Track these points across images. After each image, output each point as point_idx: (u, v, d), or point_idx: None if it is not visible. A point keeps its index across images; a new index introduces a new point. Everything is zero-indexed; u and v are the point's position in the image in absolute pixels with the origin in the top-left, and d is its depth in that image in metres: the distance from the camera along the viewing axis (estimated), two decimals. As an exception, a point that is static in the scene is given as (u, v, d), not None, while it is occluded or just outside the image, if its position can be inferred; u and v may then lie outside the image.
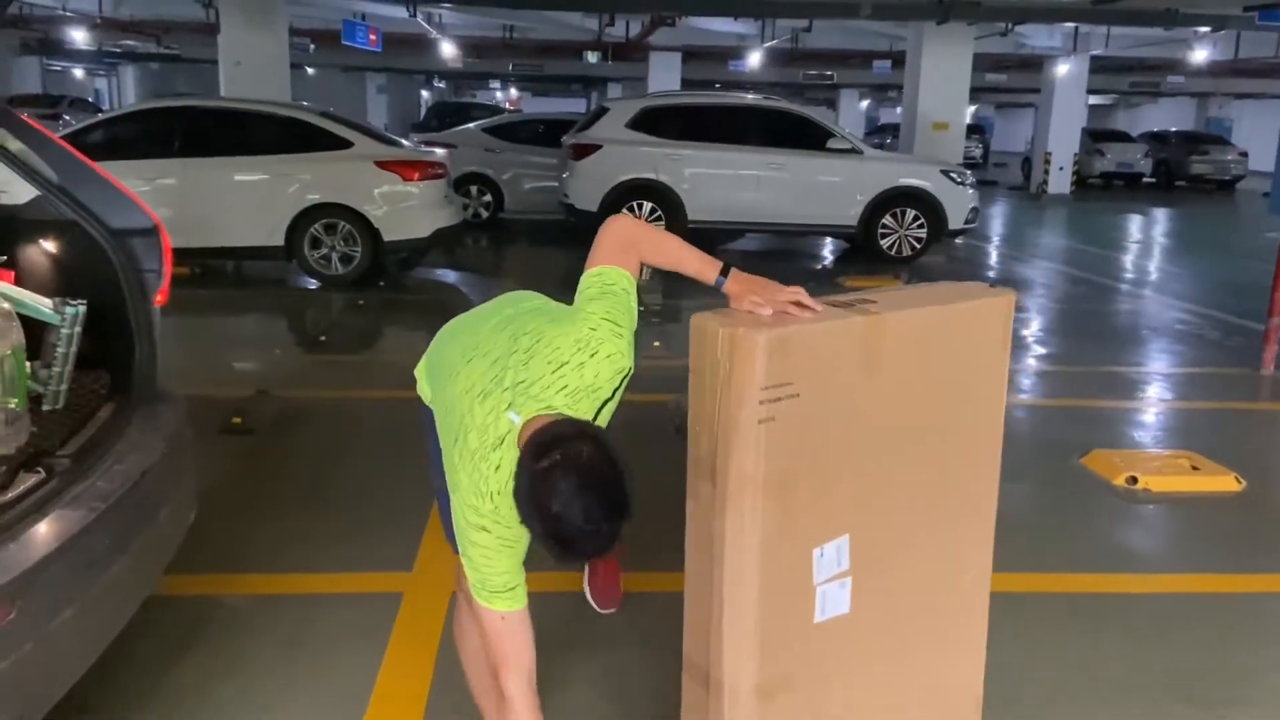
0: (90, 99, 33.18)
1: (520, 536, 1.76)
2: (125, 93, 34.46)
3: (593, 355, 1.80)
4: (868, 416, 1.90)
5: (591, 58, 23.50)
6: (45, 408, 2.37)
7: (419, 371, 2.22)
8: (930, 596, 2.11)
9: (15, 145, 2.61)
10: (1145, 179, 25.32)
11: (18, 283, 2.49)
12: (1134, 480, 4.15)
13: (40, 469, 2.07)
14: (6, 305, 2.28)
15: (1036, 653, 2.82)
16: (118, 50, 25.76)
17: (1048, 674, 2.73)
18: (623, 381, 1.87)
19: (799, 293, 1.83)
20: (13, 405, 2.16)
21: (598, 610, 2.85)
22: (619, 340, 1.83)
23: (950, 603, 2.15)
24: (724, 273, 1.90)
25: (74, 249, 2.59)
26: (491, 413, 1.77)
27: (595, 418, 1.83)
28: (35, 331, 2.38)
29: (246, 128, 8.68)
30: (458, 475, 1.81)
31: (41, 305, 2.44)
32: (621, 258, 1.92)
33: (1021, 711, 2.30)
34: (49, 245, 2.63)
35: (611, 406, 1.89)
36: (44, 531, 1.86)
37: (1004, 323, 2.07)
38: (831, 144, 10.49)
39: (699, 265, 1.94)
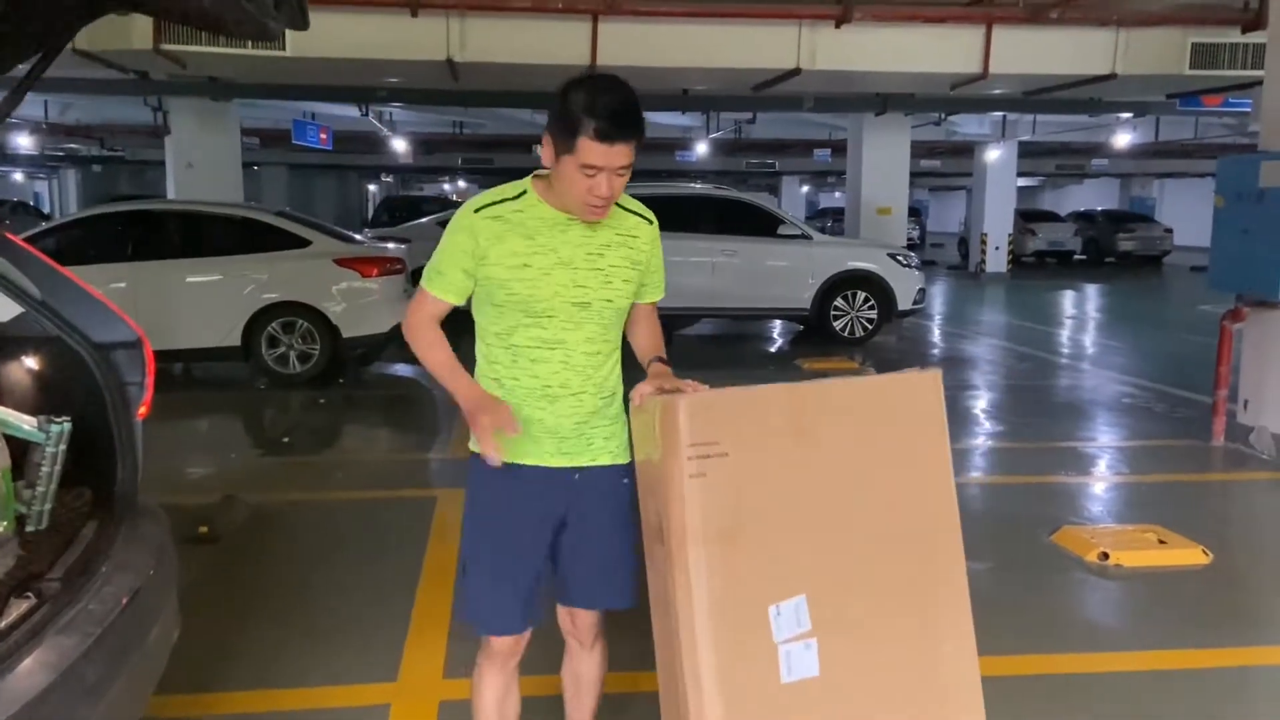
0: (31, 202, 32.84)
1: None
2: (67, 195, 34.20)
3: None
4: (809, 481, 2.07)
5: (539, 150, 23.89)
6: (29, 528, 2.31)
7: None
8: (913, 667, 2.16)
9: (-2, 262, 2.60)
10: (1076, 256, 26.29)
11: (-1, 401, 2.45)
12: (1105, 556, 4.22)
13: (30, 594, 2.01)
14: (-9, 426, 2.24)
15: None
16: (60, 153, 25.64)
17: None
18: None
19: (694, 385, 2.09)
20: (1, 528, 2.10)
21: None
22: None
23: (936, 673, 2.18)
24: (657, 359, 2.24)
25: (56, 365, 2.56)
26: None
27: None
28: (17, 449, 2.34)
29: (200, 229, 8.68)
30: None
31: (24, 424, 2.39)
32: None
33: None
34: (31, 361, 2.60)
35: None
36: (41, 661, 1.79)
37: (934, 395, 2.20)
38: (781, 230, 10.78)
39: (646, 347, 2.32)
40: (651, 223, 2.26)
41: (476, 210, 2.13)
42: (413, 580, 4.00)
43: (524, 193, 2.16)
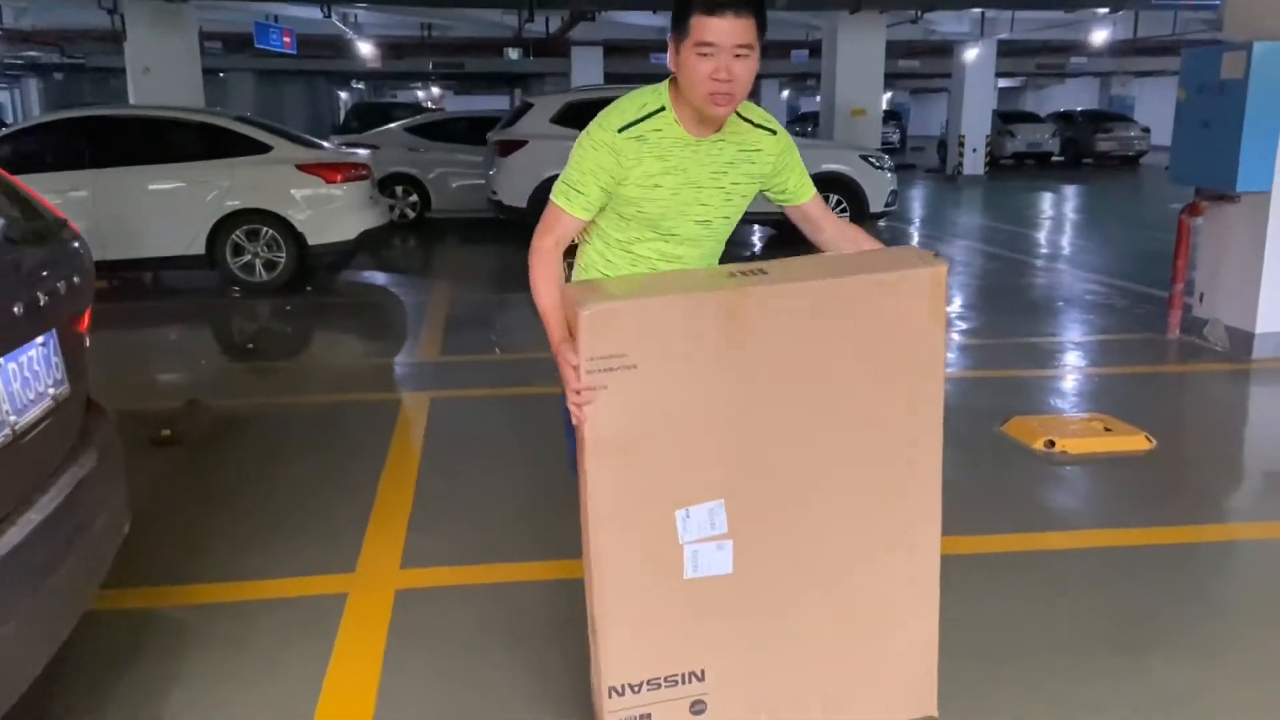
0: (-9, 112, 31.97)
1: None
2: (30, 104, 33.27)
3: None
4: (745, 388, 1.99)
5: (513, 54, 23.38)
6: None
7: None
8: (864, 572, 2.18)
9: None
10: (1054, 157, 26.12)
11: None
12: (1051, 444, 4.33)
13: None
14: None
15: (965, 614, 2.89)
16: (20, 61, 24.86)
17: (980, 635, 2.82)
18: None
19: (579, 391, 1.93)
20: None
21: None
22: None
23: (891, 575, 2.22)
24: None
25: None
26: None
27: None
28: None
29: (160, 135, 8.49)
30: None
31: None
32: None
33: (952, 672, 2.39)
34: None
35: None
36: (-18, 544, 1.84)
37: (930, 295, 2.02)
38: (752, 133, 10.63)
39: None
40: (775, 133, 2.26)
41: (620, 130, 2.12)
42: (375, 478, 4.07)
43: (663, 109, 2.14)
